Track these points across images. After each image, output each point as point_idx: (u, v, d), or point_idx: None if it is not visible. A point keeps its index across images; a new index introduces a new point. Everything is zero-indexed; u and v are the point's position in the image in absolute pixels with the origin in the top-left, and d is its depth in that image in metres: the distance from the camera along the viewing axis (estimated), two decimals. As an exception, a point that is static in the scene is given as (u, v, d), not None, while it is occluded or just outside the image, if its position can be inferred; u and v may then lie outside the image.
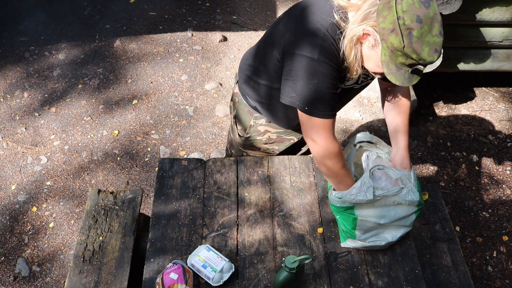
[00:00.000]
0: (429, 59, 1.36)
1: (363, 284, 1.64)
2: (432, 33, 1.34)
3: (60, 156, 3.12)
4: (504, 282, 2.65)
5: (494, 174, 3.18)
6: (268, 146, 2.03)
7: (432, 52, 1.35)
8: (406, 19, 1.31)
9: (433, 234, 2.13)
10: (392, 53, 1.38)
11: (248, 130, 1.97)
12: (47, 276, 2.57)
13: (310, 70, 1.51)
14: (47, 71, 3.68)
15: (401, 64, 1.40)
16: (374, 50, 1.45)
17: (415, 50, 1.34)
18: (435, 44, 1.35)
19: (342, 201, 1.61)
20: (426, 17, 1.32)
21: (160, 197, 1.86)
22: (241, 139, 2.04)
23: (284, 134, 1.96)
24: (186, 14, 4.27)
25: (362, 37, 1.44)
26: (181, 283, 1.54)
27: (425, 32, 1.33)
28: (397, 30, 1.33)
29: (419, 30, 1.32)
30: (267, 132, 1.96)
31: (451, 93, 3.73)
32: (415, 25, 1.31)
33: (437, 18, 1.34)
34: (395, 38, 1.34)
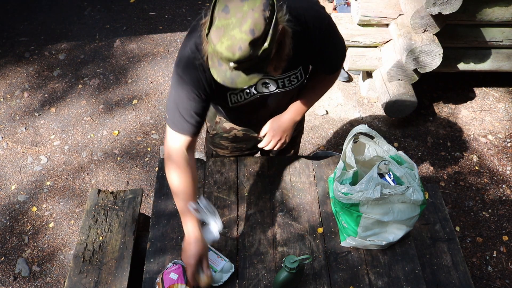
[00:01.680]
0: (226, 54, 1.21)
1: (363, 284, 1.64)
2: (241, 28, 1.18)
3: (60, 156, 3.12)
4: (504, 282, 2.65)
5: (494, 174, 3.18)
6: (235, 144, 2.02)
7: (234, 48, 1.20)
8: (216, 7, 1.22)
9: (433, 234, 2.12)
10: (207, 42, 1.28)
11: (214, 127, 1.98)
12: (47, 276, 2.57)
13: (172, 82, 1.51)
14: (47, 71, 3.68)
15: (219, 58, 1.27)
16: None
17: (212, 39, 1.22)
18: (241, 41, 1.19)
19: (348, 198, 1.61)
20: (236, 9, 1.19)
21: (160, 197, 1.86)
22: (209, 136, 2.04)
23: (250, 132, 1.96)
24: (186, 14, 4.27)
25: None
26: (181, 283, 1.54)
27: (232, 25, 1.19)
28: (208, 17, 1.24)
29: (222, 20, 1.20)
30: (233, 130, 1.95)
31: (451, 93, 3.73)
32: (220, 14, 1.20)
33: (252, 15, 1.18)
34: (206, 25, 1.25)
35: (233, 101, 1.64)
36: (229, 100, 1.63)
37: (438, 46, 2.93)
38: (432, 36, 2.99)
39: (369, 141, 1.80)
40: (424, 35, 2.99)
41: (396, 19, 3.21)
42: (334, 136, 3.37)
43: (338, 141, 3.33)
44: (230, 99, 1.62)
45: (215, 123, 1.96)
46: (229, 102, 1.63)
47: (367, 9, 3.19)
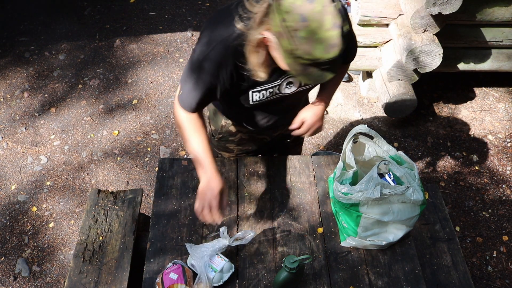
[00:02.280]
0: (325, 56, 1.23)
1: (363, 284, 1.64)
2: (323, 28, 1.20)
3: (60, 156, 3.12)
4: (504, 282, 2.65)
5: (494, 174, 3.18)
6: (241, 147, 2.02)
7: (328, 48, 1.22)
8: (289, 21, 1.21)
9: (433, 234, 2.13)
10: (291, 55, 1.28)
11: (220, 130, 1.97)
12: (47, 276, 2.57)
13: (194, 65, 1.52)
14: (47, 71, 3.68)
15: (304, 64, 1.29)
16: (277, 53, 1.35)
17: (306, 51, 1.23)
18: (330, 39, 1.21)
19: (348, 198, 1.61)
20: (312, 13, 1.19)
21: (160, 197, 1.86)
22: (215, 140, 2.03)
23: (256, 133, 1.95)
24: (186, 14, 4.27)
25: (265, 40, 1.35)
26: (181, 283, 1.54)
27: (315, 29, 1.20)
28: (284, 33, 1.23)
29: (305, 29, 1.20)
30: (239, 133, 1.95)
31: (451, 93, 3.73)
32: (300, 25, 1.20)
33: (327, 10, 1.20)
34: (285, 41, 1.24)
35: (254, 100, 1.64)
36: (250, 98, 1.63)
37: (438, 46, 2.93)
38: (432, 36, 2.99)
39: (369, 141, 1.80)
40: (424, 35, 2.99)
41: (396, 19, 3.21)
42: (334, 136, 3.37)
43: (338, 141, 3.33)
44: (252, 97, 1.62)
45: (221, 126, 1.95)
46: (250, 100, 1.63)
47: (367, 9, 3.19)
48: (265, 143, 2.03)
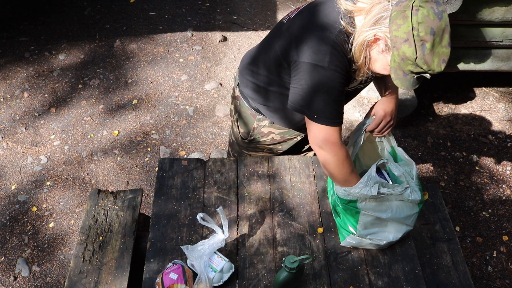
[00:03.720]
0: (438, 69, 1.40)
1: (363, 284, 1.64)
2: (442, 44, 1.38)
3: (60, 156, 3.12)
4: (504, 282, 2.65)
5: (494, 174, 3.18)
6: (272, 146, 2.03)
7: (441, 62, 1.40)
8: (420, 31, 1.34)
9: (433, 234, 2.13)
10: (403, 61, 1.41)
11: (251, 133, 1.97)
12: (47, 276, 2.57)
13: (319, 79, 1.52)
14: (47, 71, 3.68)
15: (409, 71, 1.43)
16: (383, 54, 1.47)
17: (426, 61, 1.38)
18: (444, 54, 1.39)
19: (347, 194, 1.61)
20: (439, 29, 1.36)
21: (160, 197, 1.86)
22: (244, 142, 2.03)
23: (288, 134, 1.96)
24: (186, 14, 4.27)
25: (373, 41, 1.46)
26: (181, 283, 1.54)
27: (437, 44, 1.37)
28: (411, 41, 1.36)
29: (431, 42, 1.35)
30: (271, 134, 1.95)
31: (451, 93, 3.73)
32: (428, 37, 1.35)
33: (447, 29, 1.38)
34: (408, 48, 1.37)
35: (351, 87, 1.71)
36: None
37: (438, 46, 2.93)
38: (432, 36, 2.99)
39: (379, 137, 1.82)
40: (424, 35, 2.98)
41: (396, 19, 3.21)
42: (334, 136, 3.37)
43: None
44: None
45: (253, 129, 1.95)
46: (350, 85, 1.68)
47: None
48: (294, 143, 2.03)
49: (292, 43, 1.58)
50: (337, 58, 1.50)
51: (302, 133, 1.97)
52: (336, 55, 1.49)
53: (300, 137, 1.99)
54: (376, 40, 1.45)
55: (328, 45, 1.49)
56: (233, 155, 2.18)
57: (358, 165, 1.86)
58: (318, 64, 1.50)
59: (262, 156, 2.06)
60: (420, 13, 1.34)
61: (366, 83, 1.76)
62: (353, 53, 1.49)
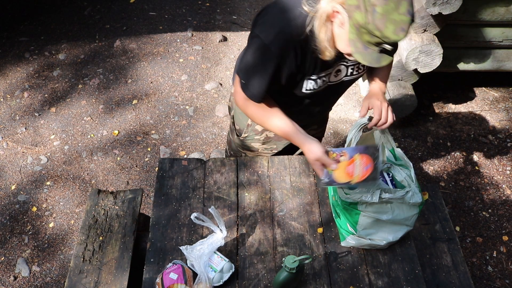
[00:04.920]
0: (394, 37, 1.30)
1: (363, 284, 1.64)
2: (399, 11, 1.28)
3: (60, 156, 3.12)
4: (504, 282, 2.65)
5: (494, 174, 3.18)
6: (266, 145, 2.03)
7: (398, 30, 1.29)
8: None
9: (433, 234, 2.12)
10: (358, 30, 1.34)
11: (245, 130, 1.98)
12: (47, 276, 2.57)
13: (258, 51, 1.52)
14: (47, 71, 3.68)
15: (368, 42, 1.35)
16: (343, 28, 1.40)
17: (378, 27, 1.29)
18: (402, 22, 1.29)
19: (347, 197, 1.61)
20: None
21: (160, 197, 1.86)
22: (239, 139, 2.04)
23: None
24: (186, 14, 4.27)
25: (332, 15, 1.40)
26: (181, 283, 1.54)
27: (391, 10, 1.27)
28: (361, 6, 1.29)
29: (383, 6, 1.27)
30: (265, 131, 1.96)
31: (451, 93, 3.73)
32: (379, 2, 1.27)
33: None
34: (359, 14, 1.30)
35: (308, 88, 1.65)
36: (304, 86, 1.64)
37: (438, 46, 2.93)
38: (432, 36, 2.99)
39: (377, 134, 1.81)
40: (424, 35, 2.99)
41: (396, 19, 3.21)
42: (334, 136, 3.37)
43: (338, 141, 3.33)
44: (306, 85, 1.64)
45: (247, 126, 1.96)
46: (303, 88, 1.65)
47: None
48: (289, 143, 2.03)
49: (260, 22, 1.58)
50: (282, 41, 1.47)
51: None
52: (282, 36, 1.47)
53: None
54: (334, 14, 1.40)
55: (277, 27, 1.47)
56: (230, 154, 2.18)
57: None
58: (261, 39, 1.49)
59: (257, 155, 2.06)
60: None
61: (352, 75, 1.72)
62: (316, 31, 1.45)
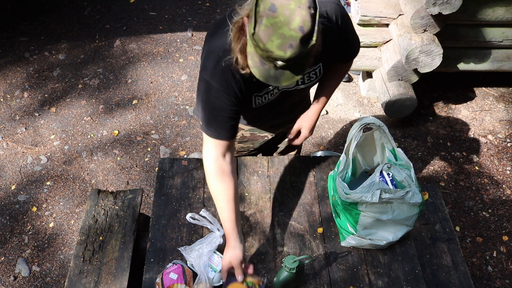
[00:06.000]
0: (278, 52, 1.21)
1: (363, 284, 1.64)
2: (290, 26, 1.19)
3: (60, 156, 3.12)
4: (504, 282, 2.65)
5: (494, 174, 3.18)
6: (242, 144, 2.03)
7: (285, 46, 1.20)
8: (260, 6, 1.21)
9: (433, 234, 2.12)
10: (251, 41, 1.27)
11: None
12: (47, 276, 2.57)
13: (204, 92, 1.50)
14: (47, 71, 3.68)
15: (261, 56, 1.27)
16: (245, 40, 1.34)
17: (261, 38, 1.21)
18: (291, 38, 1.19)
19: (347, 197, 1.61)
20: (282, 7, 1.19)
21: (160, 197, 1.86)
22: None
23: (258, 131, 1.97)
24: (186, 14, 4.27)
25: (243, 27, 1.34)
26: (181, 283, 1.54)
27: (280, 23, 1.19)
28: (252, 17, 1.23)
29: (270, 19, 1.19)
30: (241, 130, 1.96)
31: (451, 93, 3.73)
32: (267, 13, 1.19)
33: (300, 12, 1.19)
34: (250, 25, 1.24)
35: (257, 103, 1.63)
36: (253, 102, 1.62)
37: (438, 46, 2.93)
38: (432, 36, 2.99)
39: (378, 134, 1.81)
40: (424, 35, 2.99)
41: (396, 19, 3.21)
42: (334, 136, 3.37)
43: (338, 141, 3.33)
44: (254, 101, 1.62)
45: None
46: (252, 104, 1.63)
47: (367, 9, 3.19)
48: (266, 141, 2.03)
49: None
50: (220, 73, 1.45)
51: (273, 132, 1.99)
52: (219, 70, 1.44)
53: (270, 135, 2.00)
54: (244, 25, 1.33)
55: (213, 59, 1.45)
56: None
57: (359, 165, 1.86)
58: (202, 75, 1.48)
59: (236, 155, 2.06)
60: None
61: (304, 84, 1.68)
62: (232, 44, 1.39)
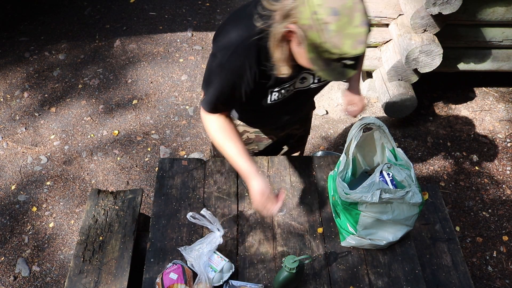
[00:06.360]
0: (353, 52, 1.26)
1: (363, 284, 1.64)
2: (352, 24, 1.24)
3: (60, 156, 3.12)
4: (504, 282, 2.65)
5: (494, 174, 3.18)
6: (247, 146, 2.02)
7: (356, 44, 1.25)
8: (320, 13, 1.22)
9: (433, 234, 2.12)
10: (316, 49, 1.30)
11: None
12: (47, 276, 2.57)
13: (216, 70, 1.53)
14: (47, 71, 3.68)
15: (328, 59, 1.31)
16: (300, 47, 1.36)
17: (335, 44, 1.25)
18: (358, 35, 1.25)
19: (347, 197, 1.61)
20: (343, 8, 1.22)
21: (160, 197, 1.86)
22: None
23: (263, 133, 1.97)
24: (186, 14, 4.27)
25: (288, 35, 1.37)
26: (181, 283, 1.54)
27: (345, 24, 1.23)
28: (314, 26, 1.24)
29: (336, 23, 1.22)
30: (246, 132, 1.96)
31: (451, 93, 3.73)
32: (331, 19, 1.22)
33: (356, 7, 1.24)
34: (314, 34, 1.26)
35: (272, 99, 1.65)
36: (269, 98, 1.64)
37: (438, 46, 2.93)
38: (432, 36, 2.99)
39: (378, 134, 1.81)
40: (424, 35, 2.99)
41: (396, 19, 3.21)
42: (334, 136, 3.37)
43: (338, 141, 3.33)
44: (270, 97, 1.63)
45: None
46: (268, 100, 1.64)
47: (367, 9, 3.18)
48: (270, 143, 2.03)
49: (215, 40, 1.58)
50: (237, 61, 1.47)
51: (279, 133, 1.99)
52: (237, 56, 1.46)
53: (276, 137, 2.00)
54: (290, 34, 1.35)
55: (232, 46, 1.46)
56: (214, 154, 2.18)
57: (359, 165, 1.86)
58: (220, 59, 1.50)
59: None
60: None
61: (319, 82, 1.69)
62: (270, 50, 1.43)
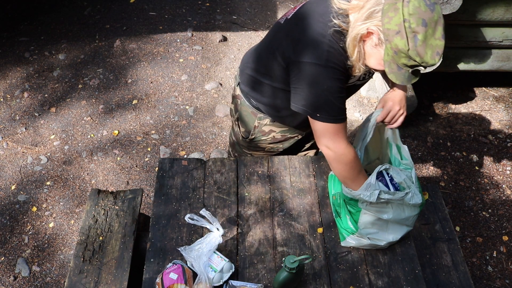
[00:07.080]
0: (431, 62, 1.39)
1: (363, 284, 1.64)
2: (435, 36, 1.37)
3: (60, 156, 3.12)
4: (504, 282, 2.65)
5: (494, 174, 3.18)
6: (273, 145, 2.03)
7: (434, 55, 1.38)
8: (412, 22, 1.34)
9: (433, 234, 2.13)
10: (396, 54, 1.41)
11: (252, 132, 1.97)
12: (47, 276, 2.57)
13: (318, 77, 1.53)
14: (47, 71, 3.68)
15: (403, 64, 1.43)
16: (377, 48, 1.47)
17: (419, 53, 1.37)
18: (438, 47, 1.38)
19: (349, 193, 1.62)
20: (431, 20, 1.35)
21: (160, 197, 1.86)
22: (246, 141, 2.03)
23: (289, 132, 1.97)
24: (186, 14, 4.27)
25: (366, 35, 1.46)
26: (181, 283, 1.54)
27: (429, 36, 1.36)
28: (403, 33, 1.36)
29: (424, 33, 1.35)
30: (272, 132, 1.96)
31: (451, 93, 3.73)
32: (420, 29, 1.35)
33: (440, 21, 1.37)
34: (400, 40, 1.37)
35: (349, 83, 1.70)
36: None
37: (438, 46, 2.93)
38: (432, 36, 2.98)
39: None
40: (424, 35, 2.98)
41: (396, 19, 3.21)
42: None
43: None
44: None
45: (254, 127, 1.95)
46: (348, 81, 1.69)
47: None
48: (295, 141, 2.03)
49: (290, 43, 1.59)
50: (333, 55, 1.51)
51: (304, 131, 1.97)
52: (333, 52, 1.51)
53: (301, 135, 1.99)
54: (369, 34, 1.46)
55: (324, 44, 1.50)
56: (234, 155, 2.18)
57: (366, 158, 1.85)
58: (316, 63, 1.51)
59: (262, 155, 2.06)
60: (411, 4, 1.35)
61: (364, 80, 1.76)
62: (348, 49, 1.50)
